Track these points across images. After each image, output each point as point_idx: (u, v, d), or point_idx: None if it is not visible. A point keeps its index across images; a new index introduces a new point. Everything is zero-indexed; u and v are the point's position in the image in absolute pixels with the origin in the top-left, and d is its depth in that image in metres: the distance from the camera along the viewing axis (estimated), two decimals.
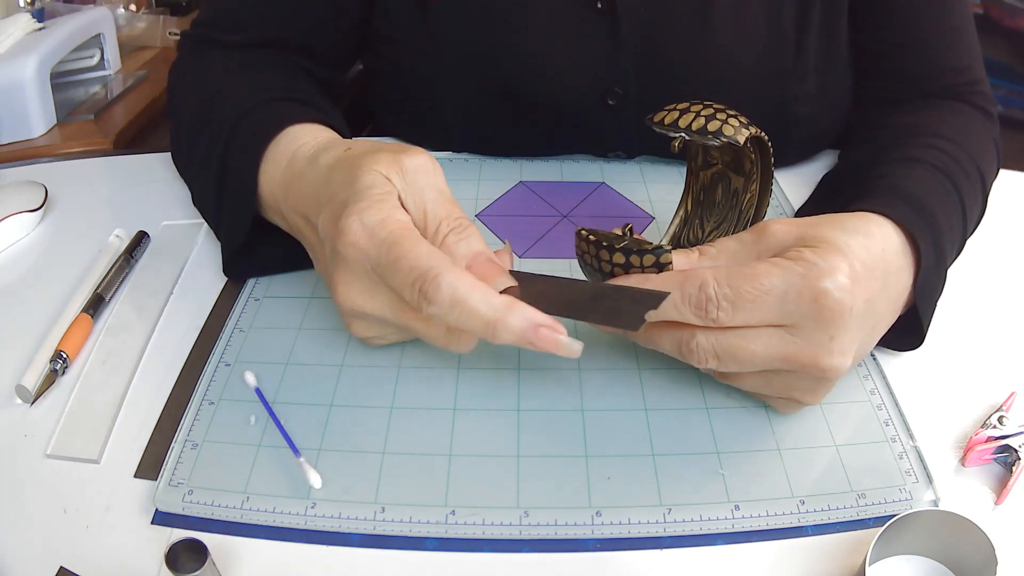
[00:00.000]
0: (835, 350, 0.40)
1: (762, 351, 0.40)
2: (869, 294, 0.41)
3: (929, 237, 0.47)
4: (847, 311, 0.39)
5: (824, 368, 0.40)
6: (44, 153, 0.89)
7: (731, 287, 0.39)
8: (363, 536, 0.40)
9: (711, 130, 0.47)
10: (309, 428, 0.45)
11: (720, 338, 0.40)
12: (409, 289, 0.40)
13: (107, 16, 1.06)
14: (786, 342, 0.40)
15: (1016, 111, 1.57)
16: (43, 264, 0.60)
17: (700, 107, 0.49)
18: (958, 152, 0.55)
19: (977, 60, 0.64)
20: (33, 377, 0.49)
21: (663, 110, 0.50)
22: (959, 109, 0.62)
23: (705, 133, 0.48)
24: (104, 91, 1.05)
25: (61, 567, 0.39)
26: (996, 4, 1.57)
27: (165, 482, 0.42)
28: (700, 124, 0.48)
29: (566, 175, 0.68)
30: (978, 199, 0.56)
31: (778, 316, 0.40)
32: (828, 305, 0.39)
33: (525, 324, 0.39)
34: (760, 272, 0.40)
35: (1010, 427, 0.44)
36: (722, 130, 0.47)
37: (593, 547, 0.40)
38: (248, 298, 0.55)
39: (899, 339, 0.48)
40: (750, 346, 0.40)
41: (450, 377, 0.48)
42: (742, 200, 0.54)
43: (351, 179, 0.43)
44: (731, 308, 0.39)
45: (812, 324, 0.39)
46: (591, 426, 0.45)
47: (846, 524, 0.41)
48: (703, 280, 0.39)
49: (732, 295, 0.39)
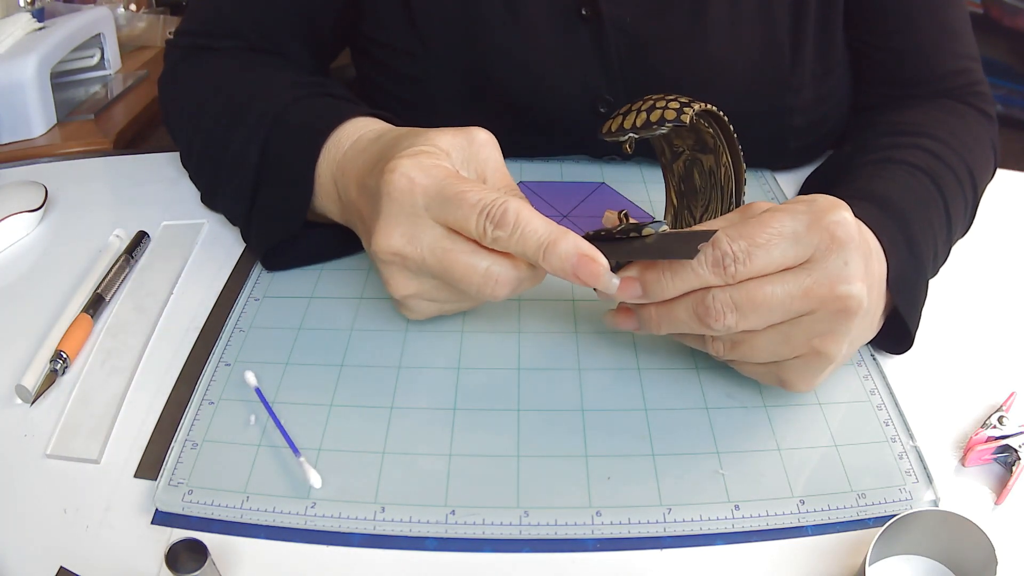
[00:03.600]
0: (851, 275, 0.40)
1: (781, 292, 0.40)
2: (865, 244, 0.42)
3: (897, 233, 0.47)
4: (854, 237, 0.40)
5: (843, 296, 0.40)
6: (44, 153, 0.89)
7: (744, 237, 0.40)
8: (363, 536, 0.40)
9: (654, 120, 0.48)
10: (309, 428, 0.45)
11: (738, 289, 0.40)
12: (477, 217, 0.41)
13: (107, 16, 1.06)
14: (802, 278, 0.40)
15: (1016, 111, 1.57)
16: (43, 264, 0.60)
17: (641, 103, 0.50)
18: (943, 150, 0.55)
19: (975, 60, 0.64)
20: (33, 377, 0.49)
21: (609, 118, 0.51)
22: (954, 108, 0.62)
23: (650, 126, 0.48)
24: (104, 91, 1.05)
25: (61, 567, 0.39)
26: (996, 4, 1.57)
27: (165, 482, 0.42)
28: (643, 119, 0.48)
29: (566, 175, 0.68)
30: (967, 197, 0.56)
31: (792, 255, 0.40)
32: (838, 232, 0.40)
33: (572, 250, 0.40)
34: (768, 218, 0.41)
35: (1010, 427, 0.44)
36: (664, 116, 0.47)
37: (593, 547, 0.40)
38: (248, 298, 0.55)
39: (888, 341, 0.48)
40: (768, 288, 0.40)
41: (450, 377, 0.48)
42: (719, 176, 0.53)
43: (413, 143, 0.45)
44: (747, 258, 0.40)
45: (825, 253, 0.40)
46: (591, 426, 0.45)
47: (846, 524, 0.41)
48: (716, 237, 0.40)
49: (746, 245, 0.40)
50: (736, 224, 0.41)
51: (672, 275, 0.41)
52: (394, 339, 0.51)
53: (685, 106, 0.47)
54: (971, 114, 0.62)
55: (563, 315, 0.53)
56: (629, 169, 0.69)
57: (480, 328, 0.52)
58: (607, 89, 0.64)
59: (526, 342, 0.51)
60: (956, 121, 0.60)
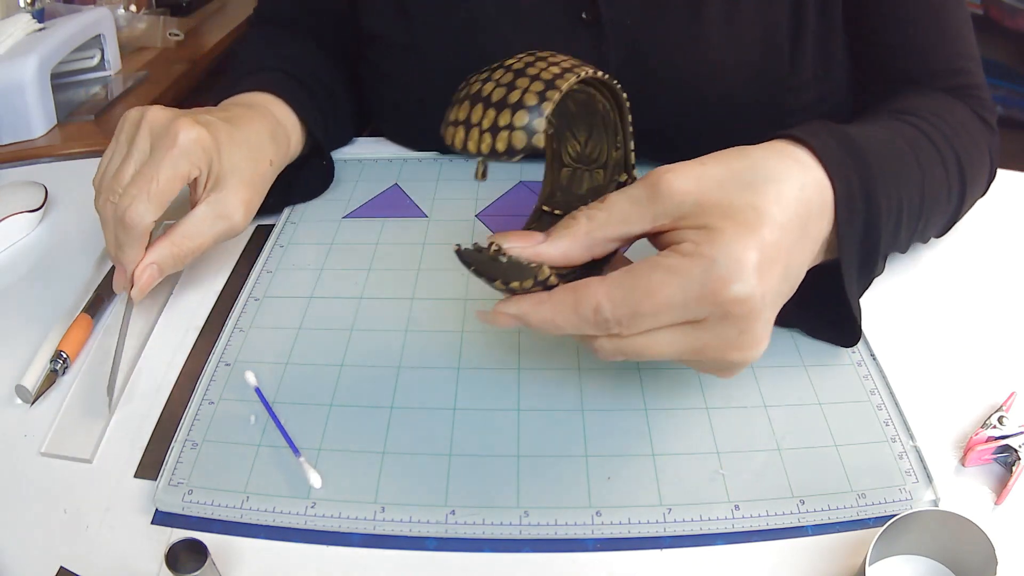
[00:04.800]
0: (745, 344, 0.38)
1: (668, 349, 0.38)
2: (785, 261, 0.38)
3: (853, 174, 0.43)
4: (756, 307, 0.37)
5: (734, 362, 0.38)
6: (44, 153, 0.89)
7: (628, 307, 0.37)
8: (363, 536, 0.40)
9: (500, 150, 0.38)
10: (309, 428, 0.45)
11: (624, 342, 0.38)
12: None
13: (107, 16, 1.06)
14: (692, 338, 0.38)
15: (1016, 111, 1.57)
16: (43, 264, 0.60)
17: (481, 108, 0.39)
18: (928, 127, 0.52)
19: (975, 64, 0.62)
20: (33, 377, 0.49)
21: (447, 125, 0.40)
22: (949, 99, 0.60)
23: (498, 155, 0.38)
24: (104, 92, 1.05)
25: (61, 567, 0.39)
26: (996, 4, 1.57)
27: (165, 482, 0.42)
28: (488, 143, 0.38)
29: None
30: (948, 176, 0.52)
31: (682, 318, 0.37)
32: (734, 310, 0.36)
33: None
34: (655, 285, 0.36)
35: (1010, 427, 0.44)
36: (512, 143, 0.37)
37: (593, 547, 0.40)
38: (248, 298, 0.55)
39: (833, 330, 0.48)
40: (656, 346, 0.38)
41: (450, 377, 0.48)
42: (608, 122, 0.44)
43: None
44: (631, 324, 0.37)
45: (719, 322, 0.37)
46: (591, 426, 0.45)
47: (846, 524, 0.41)
48: (597, 304, 0.37)
49: (629, 315, 0.37)
50: (621, 283, 0.37)
51: (556, 326, 0.38)
52: (394, 339, 0.51)
53: (544, 100, 0.37)
54: (966, 111, 0.60)
55: None
56: None
57: (480, 328, 0.52)
58: None
59: (526, 342, 0.51)
60: (950, 109, 0.58)
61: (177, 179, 0.50)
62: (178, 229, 0.52)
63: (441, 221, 0.62)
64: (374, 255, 0.58)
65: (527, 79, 0.38)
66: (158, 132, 0.51)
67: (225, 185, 0.53)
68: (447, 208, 0.64)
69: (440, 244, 0.59)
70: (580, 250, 0.40)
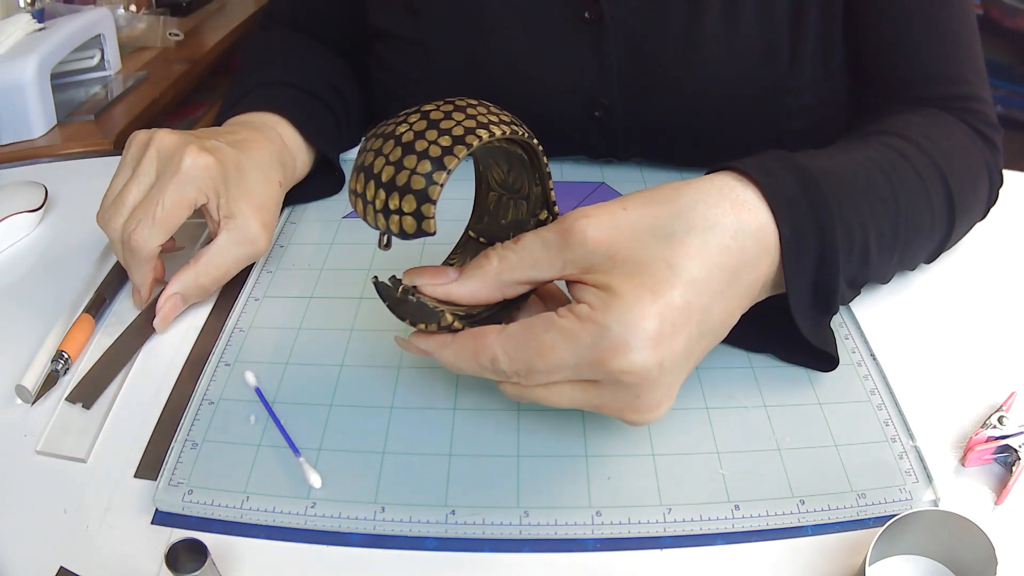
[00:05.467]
0: (642, 407, 0.38)
1: (566, 402, 0.39)
2: (697, 319, 0.38)
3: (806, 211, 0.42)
4: (650, 377, 0.36)
5: (633, 421, 0.38)
6: (44, 153, 0.89)
7: (522, 363, 0.37)
8: (363, 536, 0.40)
9: (394, 231, 0.38)
10: (309, 428, 0.45)
11: (525, 391, 0.39)
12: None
13: (107, 17, 1.06)
14: (590, 395, 0.38)
15: (1016, 111, 1.57)
16: (43, 264, 0.60)
17: (373, 186, 0.38)
18: (916, 154, 0.51)
19: (978, 78, 0.60)
20: (33, 377, 0.49)
21: (350, 191, 0.39)
22: (939, 116, 0.57)
23: (395, 234, 0.39)
24: (104, 92, 1.05)
25: (61, 567, 0.39)
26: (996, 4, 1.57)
27: (165, 482, 0.42)
28: (383, 222, 0.38)
29: (566, 175, 0.68)
30: (932, 204, 0.51)
31: (576, 377, 0.38)
32: (624, 379, 0.36)
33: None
34: (547, 346, 0.37)
35: (1010, 427, 0.44)
36: (404, 228, 0.38)
37: (593, 547, 0.40)
38: (248, 298, 0.55)
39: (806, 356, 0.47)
40: (554, 398, 0.39)
41: (450, 377, 0.48)
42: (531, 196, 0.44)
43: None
44: (528, 377, 0.38)
45: (612, 386, 0.37)
46: (591, 426, 0.45)
47: (846, 524, 0.41)
48: (493, 355, 0.38)
49: (524, 370, 0.37)
50: (516, 338, 0.37)
51: (459, 368, 0.40)
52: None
53: (437, 167, 0.37)
54: (961, 128, 0.57)
55: None
56: (629, 169, 0.69)
57: None
58: (602, 93, 0.64)
59: None
60: (937, 128, 0.55)
61: (183, 205, 0.51)
62: (202, 259, 0.53)
63: (441, 221, 0.61)
64: (374, 255, 0.58)
65: (414, 156, 0.37)
66: (165, 157, 0.51)
67: (241, 211, 0.53)
68: (447, 208, 0.63)
69: (440, 244, 0.59)
70: (489, 291, 0.40)
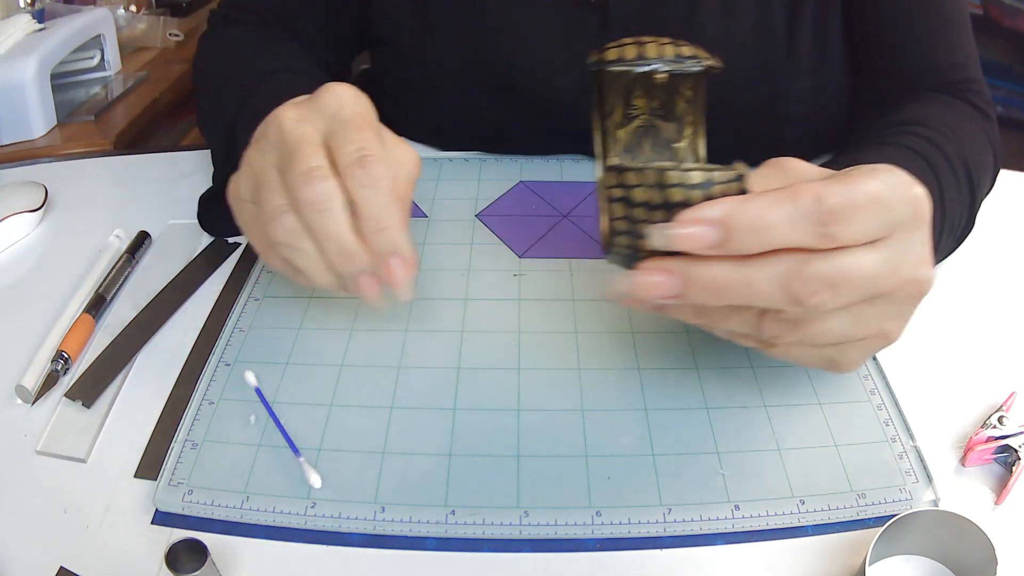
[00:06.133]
0: (927, 256, 0.37)
1: (871, 268, 0.35)
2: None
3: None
4: (929, 216, 0.37)
5: (921, 280, 0.37)
6: (44, 154, 0.89)
7: (846, 196, 0.34)
8: (363, 536, 0.40)
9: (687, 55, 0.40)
10: (309, 428, 0.45)
11: (834, 262, 0.35)
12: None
13: (107, 17, 1.06)
14: (889, 255, 0.36)
15: (1016, 111, 1.57)
16: (43, 264, 0.60)
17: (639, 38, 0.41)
18: (940, 139, 0.53)
19: (974, 60, 0.63)
20: (33, 377, 0.49)
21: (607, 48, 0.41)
22: (952, 103, 0.60)
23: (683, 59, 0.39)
24: (104, 92, 1.05)
25: (61, 567, 0.39)
26: (996, 4, 1.57)
27: (165, 482, 0.42)
28: (670, 52, 0.40)
29: (566, 175, 0.68)
30: (961, 192, 0.52)
31: (880, 227, 0.35)
32: (920, 208, 0.36)
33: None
34: (861, 180, 0.35)
35: (1010, 427, 0.44)
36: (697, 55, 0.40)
37: (593, 547, 0.40)
38: (248, 298, 0.55)
39: None
40: (863, 263, 0.35)
41: (450, 377, 0.48)
42: (677, 151, 0.45)
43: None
44: (848, 221, 0.34)
45: (906, 232, 0.36)
46: (591, 426, 0.45)
47: (846, 524, 0.41)
48: (818, 193, 0.34)
49: (849, 205, 0.34)
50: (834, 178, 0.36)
51: (767, 225, 0.34)
52: (394, 339, 0.51)
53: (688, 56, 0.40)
54: (970, 111, 0.60)
55: (563, 315, 0.53)
56: None
57: (480, 328, 0.52)
58: None
59: (526, 342, 0.51)
60: (954, 115, 0.58)
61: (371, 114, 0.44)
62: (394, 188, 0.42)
63: (441, 221, 0.62)
64: None
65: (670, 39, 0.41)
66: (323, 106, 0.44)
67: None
68: (447, 208, 0.64)
69: (440, 244, 0.59)
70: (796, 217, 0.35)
